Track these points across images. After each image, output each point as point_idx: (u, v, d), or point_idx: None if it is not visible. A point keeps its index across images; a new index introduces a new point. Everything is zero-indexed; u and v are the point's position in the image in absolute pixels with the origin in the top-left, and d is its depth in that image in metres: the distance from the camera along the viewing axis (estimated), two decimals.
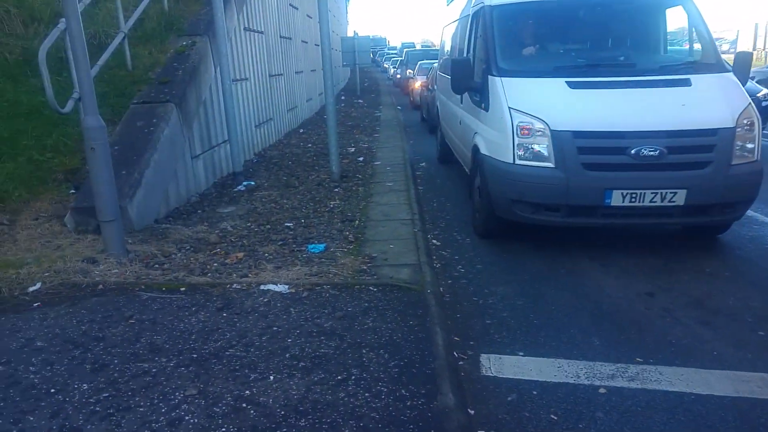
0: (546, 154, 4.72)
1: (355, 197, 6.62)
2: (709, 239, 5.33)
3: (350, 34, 26.92)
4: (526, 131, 4.80)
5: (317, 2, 7.05)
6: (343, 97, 21.17)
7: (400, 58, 28.67)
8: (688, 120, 4.60)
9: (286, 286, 3.84)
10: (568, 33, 5.94)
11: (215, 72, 7.46)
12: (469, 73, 5.61)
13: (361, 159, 9.15)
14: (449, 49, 8.94)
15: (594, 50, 5.78)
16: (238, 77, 8.72)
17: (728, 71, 5.13)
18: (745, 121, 4.63)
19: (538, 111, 4.79)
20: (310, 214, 5.86)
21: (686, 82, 4.93)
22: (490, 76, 5.30)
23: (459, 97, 6.63)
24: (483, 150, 5.31)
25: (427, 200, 7.07)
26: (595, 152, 4.61)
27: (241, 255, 4.49)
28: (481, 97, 5.54)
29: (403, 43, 50.35)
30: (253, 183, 7.25)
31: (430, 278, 4.17)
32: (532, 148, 4.78)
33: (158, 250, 4.43)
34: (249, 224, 5.46)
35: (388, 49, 52.94)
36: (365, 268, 4.31)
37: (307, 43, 15.49)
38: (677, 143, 4.53)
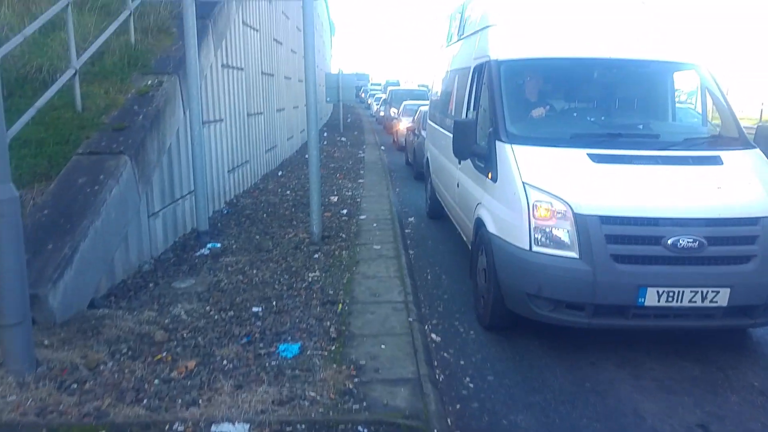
0: (568, 241, 3.87)
1: (337, 266, 5.65)
2: (739, 334, 4.55)
3: (334, 70, 26.30)
4: (544, 212, 3.95)
5: (303, 35, 6.18)
6: (325, 134, 20.32)
7: (384, 96, 28.05)
8: (727, 206, 3.89)
9: (247, 427, 2.82)
10: (581, 95, 5.23)
11: (185, 115, 6.50)
12: (473, 137, 4.76)
13: (344, 212, 8.20)
14: (440, 94, 8.14)
15: (610, 116, 5.04)
16: (212, 118, 7.78)
17: (754, 147, 4.54)
18: None
19: (557, 189, 3.96)
20: (283, 293, 4.84)
21: (716, 160, 4.26)
22: (498, 142, 4.46)
23: None
24: (490, 228, 4.42)
25: (420, 270, 6.12)
26: (626, 241, 3.80)
27: (192, 364, 3.45)
28: (486, 164, 4.68)
29: (387, 81, 49.74)
30: (218, 245, 6.22)
31: (434, 406, 3.19)
32: (551, 232, 3.93)
33: (82, 358, 3.35)
34: (208, 308, 4.42)
35: (372, 85, 52.30)
36: (351, 386, 3.31)
37: (290, 79, 14.66)
38: (718, 233, 3.80)
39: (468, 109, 5.67)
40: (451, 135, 6.48)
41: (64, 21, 5.33)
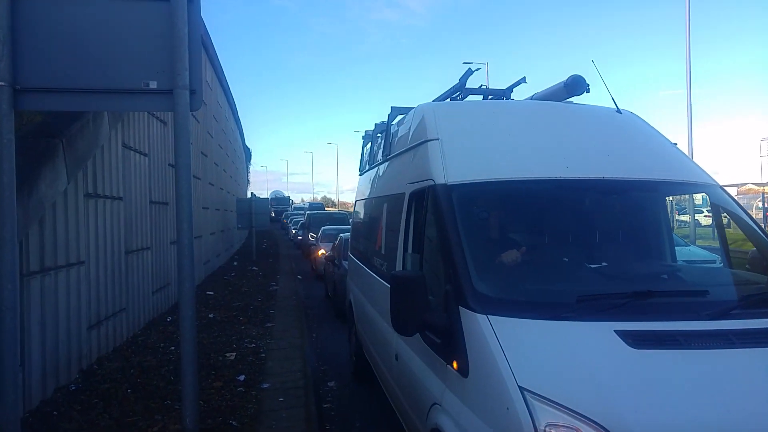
0: None
1: None
2: None
3: (253, 193, 24.63)
4: None
5: (175, 156, 4.35)
6: (235, 263, 18.02)
7: (302, 221, 26.40)
8: None
9: None
10: (565, 230, 3.61)
11: None
12: (422, 302, 2.92)
13: (241, 379, 5.97)
14: (363, 224, 6.51)
15: (617, 262, 3.36)
16: (63, 263, 5.58)
17: None
18: None
19: (583, 400, 2.24)
20: None
21: None
22: (464, 310, 2.70)
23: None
24: None
25: None
26: None
27: None
28: (446, 342, 2.86)
29: (310, 203, 47.67)
30: None
31: None
32: None
33: None
34: None
35: (295, 209, 49.24)
36: None
37: (207, 209, 12.61)
38: None
39: (405, 250, 3.94)
40: (380, 279, 4.83)
41: None
